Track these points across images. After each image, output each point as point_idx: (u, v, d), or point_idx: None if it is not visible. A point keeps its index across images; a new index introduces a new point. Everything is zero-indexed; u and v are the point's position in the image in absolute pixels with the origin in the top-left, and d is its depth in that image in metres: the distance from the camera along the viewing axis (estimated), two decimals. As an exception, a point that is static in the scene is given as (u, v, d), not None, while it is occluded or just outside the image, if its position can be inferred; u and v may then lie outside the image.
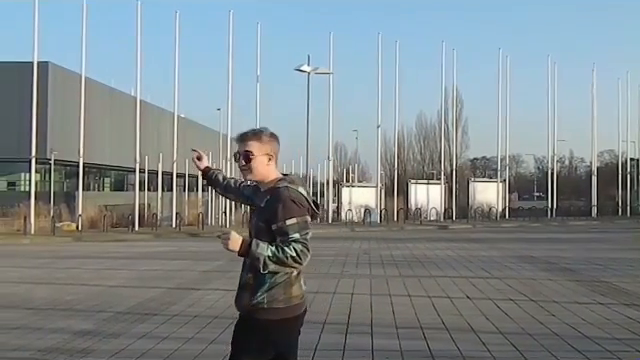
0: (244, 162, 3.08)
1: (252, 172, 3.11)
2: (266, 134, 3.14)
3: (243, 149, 3.09)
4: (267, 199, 3.03)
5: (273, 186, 3.06)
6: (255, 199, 3.19)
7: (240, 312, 3.12)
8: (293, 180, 3.11)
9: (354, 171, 56.48)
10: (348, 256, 15.75)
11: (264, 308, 3.00)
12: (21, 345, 6.27)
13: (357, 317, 7.64)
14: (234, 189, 3.50)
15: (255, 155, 3.07)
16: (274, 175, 3.13)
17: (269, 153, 3.11)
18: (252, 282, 3.01)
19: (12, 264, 14.36)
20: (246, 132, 3.15)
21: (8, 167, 44.40)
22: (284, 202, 2.97)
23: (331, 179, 37.72)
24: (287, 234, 2.93)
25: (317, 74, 31.07)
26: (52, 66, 39.39)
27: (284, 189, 3.01)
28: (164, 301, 8.85)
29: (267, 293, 2.99)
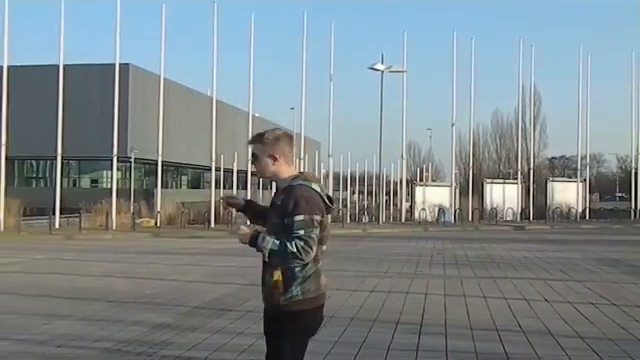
0: (252, 164, 3.37)
1: (259, 172, 3.37)
2: (269, 136, 3.30)
3: (252, 152, 3.35)
4: (282, 197, 3.21)
5: (288, 184, 3.25)
6: (275, 199, 3.33)
7: (271, 309, 3.27)
8: (307, 177, 3.28)
9: (428, 170, 55.93)
10: (422, 256, 15.59)
11: (299, 300, 3.17)
12: (104, 336, 6.53)
13: (431, 317, 7.56)
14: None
15: (259, 157, 3.30)
16: (287, 173, 3.30)
17: (273, 154, 3.28)
18: (282, 278, 3.16)
19: (95, 258, 14.97)
20: (253, 136, 3.39)
21: (91, 165, 46.37)
22: (295, 199, 3.14)
23: (404, 178, 37.45)
24: (292, 229, 3.09)
25: (391, 72, 30.90)
26: (133, 68, 40.82)
27: (297, 187, 3.20)
28: (239, 297, 9.01)
29: (301, 286, 3.17)
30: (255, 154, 3.33)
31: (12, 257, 15.01)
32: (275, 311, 3.23)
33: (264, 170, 3.34)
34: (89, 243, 19.79)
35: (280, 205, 3.19)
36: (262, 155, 3.30)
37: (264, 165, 3.31)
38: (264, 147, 3.30)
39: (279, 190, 3.32)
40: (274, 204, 3.29)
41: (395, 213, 38.56)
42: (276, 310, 3.22)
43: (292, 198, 3.14)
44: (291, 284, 3.16)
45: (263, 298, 3.32)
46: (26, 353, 5.88)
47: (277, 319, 3.23)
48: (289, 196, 3.17)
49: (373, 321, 7.26)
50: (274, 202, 3.30)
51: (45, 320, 7.37)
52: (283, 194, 3.22)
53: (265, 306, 3.34)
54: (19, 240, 20.55)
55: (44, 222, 24.49)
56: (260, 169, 3.34)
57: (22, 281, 10.96)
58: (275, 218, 3.21)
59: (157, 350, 5.93)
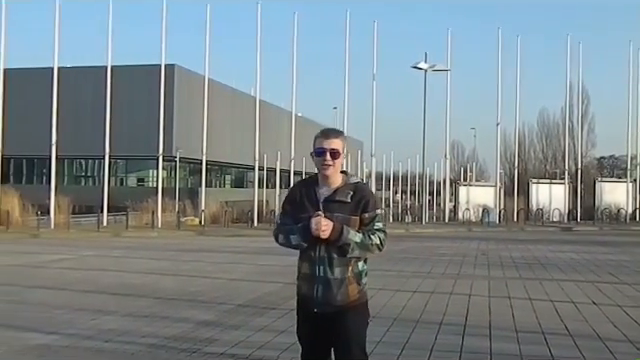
0: (330, 158, 3.25)
1: (335, 168, 3.29)
2: (344, 135, 3.38)
3: (330, 146, 3.26)
4: (351, 194, 3.25)
5: (348, 182, 3.30)
6: (336, 197, 3.26)
7: (334, 308, 3.23)
8: (355, 175, 3.43)
9: (472, 170, 55.32)
10: (465, 256, 15.42)
11: (364, 293, 3.32)
12: (150, 332, 6.64)
13: (474, 319, 7.46)
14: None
15: (341, 153, 3.29)
16: (339, 171, 3.35)
17: (345, 153, 3.34)
18: (351, 274, 3.24)
19: (142, 256, 15.25)
20: (331, 130, 3.37)
21: (138, 164, 47.27)
22: (372, 195, 3.32)
23: (448, 178, 37.09)
24: (374, 222, 3.25)
25: (434, 71, 30.64)
26: (178, 68, 41.48)
27: (364, 184, 3.38)
28: (282, 295, 9.05)
29: (366, 278, 3.33)
30: (336, 149, 3.28)
31: (62, 254, 15.41)
32: (342, 308, 3.22)
33: (337, 167, 3.32)
34: (135, 241, 20.17)
35: (351, 202, 3.23)
36: (342, 152, 3.31)
37: (340, 162, 3.31)
38: (343, 143, 3.33)
39: (319, 189, 3.30)
40: (336, 201, 3.24)
41: (438, 213, 38.24)
42: (345, 306, 3.22)
43: (368, 195, 3.28)
44: (362, 276, 3.30)
45: (323, 298, 3.25)
46: (75, 347, 6.03)
47: (343, 316, 3.22)
48: (362, 193, 3.27)
49: (416, 321, 7.21)
50: (333, 199, 3.25)
51: (93, 315, 7.54)
52: (350, 191, 3.26)
53: (320, 309, 3.26)
54: (68, 237, 21.08)
55: (92, 220, 25.05)
56: (337, 165, 3.30)
57: (71, 277, 11.24)
58: (342, 213, 3.21)
59: (201, 347, 6.01)
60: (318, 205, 3.26)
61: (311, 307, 3.29)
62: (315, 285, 3.26)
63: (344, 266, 3.23)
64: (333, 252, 3.22)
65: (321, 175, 3.33)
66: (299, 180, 3.64)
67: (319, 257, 3.25)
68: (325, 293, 3.23)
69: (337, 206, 3.24)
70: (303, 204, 3.31)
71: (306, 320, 3.35)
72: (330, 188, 3.30)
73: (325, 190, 3.30)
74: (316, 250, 3.27)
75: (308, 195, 3.32)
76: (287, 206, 3.43)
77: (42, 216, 23.78)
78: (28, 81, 38.03)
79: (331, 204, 3.25)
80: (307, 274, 3.31)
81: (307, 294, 3.31)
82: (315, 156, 3.30)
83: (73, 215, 25.68)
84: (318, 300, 3.25)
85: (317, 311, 3.26)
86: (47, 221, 23.69)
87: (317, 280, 3.26)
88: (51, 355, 5.75)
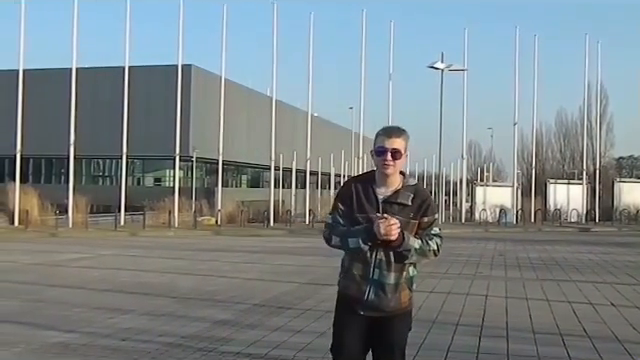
0: (391, 159, 3.10)
1: (395, 169, 3.13)
2: (407, 134, 3.20)
3: (391, 146, 3.10)
4: (412, 196, 3.12)
5: (407, 184, 3.16)
6: (396, 198, 3.13)
7: (386, 313, 3.14)
8: (413, 176, 3.31)
9: (489, 170, 55.06)
10: (482, 257, 15.34)
11: (412, 299, 3.24)
12: (167, 331, 6.68)
13: (491, 320, 7.42)
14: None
15: (402, 154, 3.13)
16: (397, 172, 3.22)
17: (407, 153, 3.18)
18: (404, 280, 3.14)
19: (158, 255, 15.34)
20: (393, 129, 3.20)
21: (155, 164, 47.59)
22: (430, 198, 3.21)
23: (464, 178, 36.94)
24: (432, 227, 3.15)
25: (451, 71, 30.53)
26: (195, 69, 41.69)
27: (422, 186, 3.23)
28: (298, 295, 9.07)
29: (415, 284, 3.25)
30: (398, 149, 3.12)
31: (80, 253, 15.54)
32: (391, 313, 3.13)
33: (398, 168, 3.15)
34: (152, 240, 20.29)
35: (412, 205, 3.11)
36: (404, 152, 3.15)
37: (402, 162, 3.15)
38: (405, 143, 3.17)
39: (399, 189, 3.14)
40: (397, 203, 3.11)
41: (455, 213, 38.10)
42: (394, 311, 3.14)
43: (428, 198, 3.18)
44: (413, 282, 3.23)
45: (374, 302, 3.12)
46: (93, 345, 6.07)
47: (390, 321, 3.14)
48: (423, 196, 3.16)
49: (432, 322, 7.18)
50: (395, 200, 3.11)
51: (111, 314, 7.59)
52: (411, 193, 3.13)
53: (369, 312, 3.15)
54: (86, 236, 21.26)
55: (110, 219, 25.24)
56: (397, 166, 3.13)
57: (89, 276, 11.33)
58: (402, 216, 3.07)
59: (218, 346, 6.03)
60: (377, 205, 3.11)
61: (357, 309, 3.15)
62: (367, 288, 3.13)
63: (399, 271, 3.13)
64: (391, 256, 3.11)
65: (380, 174, 3.16)
66: (352, 177, 3.45)
67: (376, 259, 3.11)
68: (378, 298, 3.12)
69: (398, 208, 3.10)
70: (361, 204, 3.15)
71: (348, 320, 3.20)
72: (389, 189, 3.15)
73: (384, 190, 3.15)
74: (374, 252, 3.11)
75: (366, 194, 3.15)
76: (341, 205, 3.23)
77: (61, 215, 24.02)
78: (47, 82, 38.40)
79: (391, 206, 3.11)
80: (359, 275, 3.15)
81: (355, 295, 3.16)
82: (375, 155, 3.14)
83: (91, 214, 25.89)
84: (368, 303, 3.13)
85: (363, 314, 3.15)
86: (65, 220, 23.91)
87: (370, 283, 3.12)
88: (69, 353, 5.80)
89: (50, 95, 37.70)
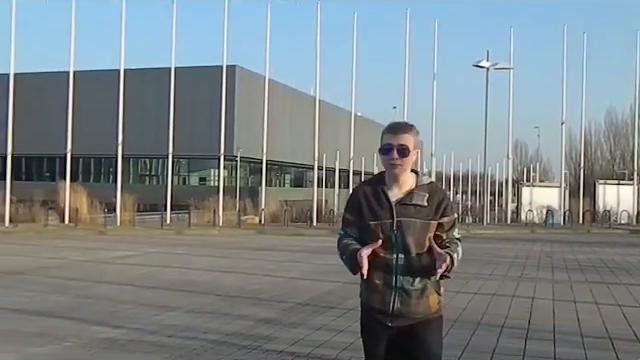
0: (398, 156, 2.87)
1: (403, 168, 2.89)
2: (416, 130, 2.96)
3: (398, 143, 2.87)
4: (427, 196, 2.89)
5: (420, 183, 2.94)
6: (410, 199, 2.90)
7: (416, 320, 2.91)
8: (427, 175, 3.14)
9: (535, 170, 54.02)
10: (528, 258, 15.08)
11: (441, 303, 3.01)
12: (211, 328, 6.77)
13: (538, 322, 7.30)
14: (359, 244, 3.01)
15: (411, 150, 2.89)
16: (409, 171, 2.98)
17: (418, 149, 2.95)
18: (431, 283, 2.92)
19: (203, 253, 15.54)
20: (399, 124, 2.96)
21: (200, 164, 48.19)
22: (448, 197, 3.00)
23: (510, 178, 36.37)
24: (454, 228, 2.97)
25: (497, 70, 30.09)
26: (239, 69, 42.04)
27: (439, 185, 3.03)
28: (340, 295, 9.07)
29: (443, 287, 3.02)
30: (405, 146, 2.88)
31: (128, 250, 15.86)
32: (421, 320, 2.91)
33: (407, 166, 2.91)
34: (197, 238, 20.56)
35: (428, 205, 2.88)
36: (413, 148, 2.90)
37: (411, 159, 2.91)
38: (414, 139, 2.92)
39: (412, 189, 2.92)
40: (412, 204, 2.88)
41: (500, 214, 37.53)
42: (425, 318, 2.91)
43: (444, 197, 2.94)
44: (440, 285, 2.99)
45: (401, 311, 2.89)
46: (140, 341, 6.19)
47: (422, 329, 2.91)
48: (439, 195, 2.93)
49: (477, 324, 7.10)
50: (409, 202, 2.88)
51: (157, 311, 7.73)
52: (426, 193, 2.90)
53: (396, 322, 2.91)
54: (134, 234, 21.67)
55: (156, 217, 25.67)
56: (406, 164, 2.89)
57: (137, 273, 11.56)
58: (419, 218, 2.86)
59: (261, 344, 6.08)
60: (391, 208, 2.87)
61: (384, 321, 2.91)
62: (391, 297, 2.89)
63: (424, 275, 2.88)
64: (414, 260, 2.86)
65: (389, 175, 2.93)
66: (361, 182, 3.24)
67: (397, 265, 2.87)
68: (404, 306, 2.88)
69: (413, 210, 2.87)
70: (372, 209, 2.91)
71: (377, 335, 2.96)
72: (401, 190, 2.92)
73: (396, 192, 2.92)
74: (394, 257, 2.87)
75: (377, 198, 2.92)
76: (349, 216, 3.03)
77: (109, 213, 24.53)
78: (96, 83, 39.28)
79: (406, 208, 2.88)
80: (381, 284, 2.90)
81: (380, 307, 2.91)
82: (381, 154, 2.92)
83: (138, 213, 26.35)
84: (395, 313, 2.90)
85: (392, 325, 2.91)
86: (113, 218, 24.41)
87: (394, 292, 2.88)
88: (117, 348, 5.93)
89: (99, 96, 38.55)
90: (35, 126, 41.23)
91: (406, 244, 2.85)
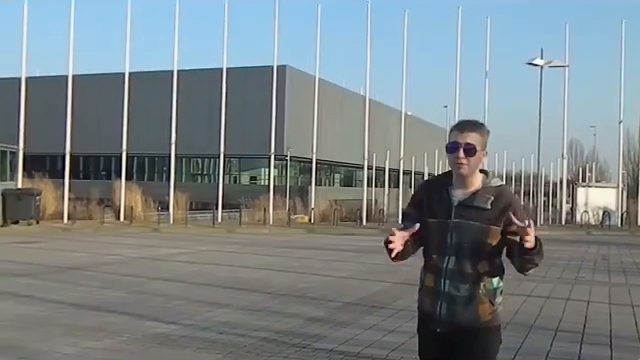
0: (464, 156, 2.73)
1: (470, 167, 2.75)
2: (486, 128, 2.82)
3: (464, 141, 2.74)
4: (491, 199, 2.73)
5: (488, 185, 2.79)
6: (472, 201, 2.77)
7: (463, 329, 2.76)
8: (498, 177, 2.91)
9: (591, 170, 52.64)
10: (584, 261, 14.72)
11: (498, 314, 2.81)
12: (262, 326, 6.84)
13: (593, 327, 7.11)
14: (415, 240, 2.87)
15: (478, 150, 2.74)
16: (477, 171, 2.82)
17: (486, 149, 2.81)
18: (483, 291, 2.75)
19: (254, 252, 15.70)
20: (467, 122, 2.82)
21: (250, 163, 48.67)
22: (518, 201, 2.84)
23: (565, 178, 35.54)
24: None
25: (551, 67, 29.44)
26: (289, 69, 42.26)
27: (508, 188, 2.87)
28: (390, 295, 9.04)
29: (500, 297, 2.82)
30: (472, 145, 2.74)
31: (180, 248, 16.15)
32: (470, 330, 2.75)
33: (473, 166, 2.77)
34: (248, 237, 20.78)
35: (491, 209, 2.72)
36: (480, 148, 2.76)
37: (478, 159, 2.76)
38: (483, 139, 2.78)
39: (477, 191, 2.77)
40: (474, 207, 2.74)
41: (554, 215, 36.72)
42: (474, 328, 2.75)
43: (511, 202, 2.77)
44: (496, 294, 2.78)
45: (447, 317, 2.77)
46: (192, 337, 6.30)
47: (471, 339, 2.76)
48: (507, 199, 2.76)
49: (530, 327, 6.97)
50: (470, 204, 2.75)
51: (209, 307, 7.85)
52: (491, 195, 2.75)
53: (444, 329, 2.79)
54: (186, 232, 22.05)
55: (208, 216, 26.05)
56: (472, 164, 2.75)
57: (189, 270, 11.76)
58: (479, 222, 2.72)
59: (311, 342, 6.11)
60: (451, 209, 2.77)
61: (433, 326, 2.82)
62: (438, 301, 2.80)
63: (474, 282, 2.74)
64: (466, 265, 2.74)
65: (455, 174, 2.81)
66: (428, 178, 3.14)
67: (446, 269, 2.77)
68: (450, 312, 2.77)
69: (474, 213, 2.73)
70: (432, 207, 2.82)
71: (428, 340, 2.89)
72: (466, 191, 2.79)
73: (460, 192, 2.80)
74: (445, 260, 2.78)
75: (439, 196, 2.83)
76: (410, 210, 2.93)
77: (162, 211, 25.03)
78: (150, 84, 40.10)
79: (467, 210, 2.75)
80: (431, 287, 2.83)
81: (429, 311, 2.84)
82: (447, 152, 2.80)
83: (190, 211, 26.81)
84: (442, 319, 2.79)
85: (440, 331, 2.81)
86: (167, 216, 24.90)
87: (441, 296, 2.79)
88: (170, 344, 6.05)
89: (153, 97, 39.35)
90: (92, 126, 42.34)
91: (460, 247, 2.74)
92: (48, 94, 35.65)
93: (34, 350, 5.75)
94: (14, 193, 21.03)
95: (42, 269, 11.40)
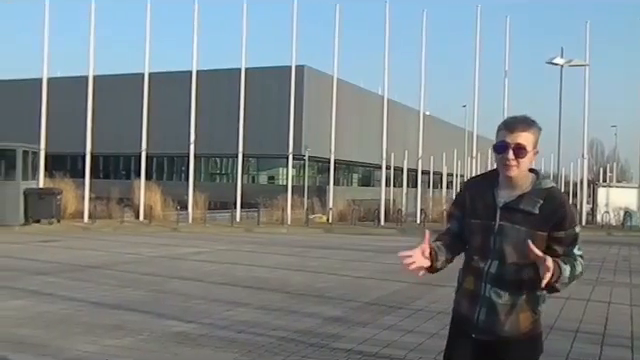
0: (514, 157, 2.56)
1: (519, 169, 2.58)
2: (538, 126, 2.63)
3: (515, 141, 2.55)
4: (540, 203, 2.57)
5: (538, 187, 2.61)
6: (490, 204, 2.64)
7: (501, 338, 2.63)
8: (549, 177, 2.72)
9: (612, 170, 52.14)
10: (605, 262, 14.56)
11: (539, 323, 2.70)
12: (280, 325, 6.85)
13: (614, 328, 7.04)
14: (457, 241, 2.82)
15: (528, 151, 2.57)
16: (527, 171, 2.65)
17: (537, 149, 2.64)
18: (525, 300, 2.62)
19: (272, 251, 15.73)
20: (518, 120, 2.62)
21: (269, 163, 48.83)
22: (569, 207, 2.62)
23: (585, 178, 35.19)
24: (575, 244, 2.60)
25: (571, 67, 29.18)
26: (307, 69, 42.32)
27: (559, 191, 2.67)
28: (408, 295, 9.01)
29: (543, 305, 2.70)
30: (523, 145, 2.56)
31: (199, 247, 16.24)
32: (508, 339, 2.63)
33: (523, 168, 2.59)
34: (266, 236, 20.83)
35: (539, 213, 2.55)
36: (531, 148, 2.59)
37: (529, 160, 2.60)
38: (534, 138, 2.60)
39: (525, 193, 2.61)
40: (520, 210, 2.58)
41: (575, 215, 36.38)
42: (513, 337, 2.62)
43: (562, 206, 2.59)
44: (539, 303, 2.66)
45: (485, 324, 2.64)
46: (211, 336, 6.34)
47: (509, 348, 2.64)
48: (556, 203, 2.58)
49: (550, 328, 6.90)
50: (517, 207, 2.59)
51: (227, 307, 7.89)
52: (540, 199, 2.57)
53: (480, 335, 2.66)
54: (204, 231, 22.15)
55: (226, 215, 26.15)
56: (522, 166, 2.58)
57: (207, 269, 11.82)
58: (525, 227, 2.56)
59: (329, 342, 6.11)
60: (495, 211, 2.61)
61: (469, 331, 2.69)
62: (478, 306, 2.66)
63: (516, 289, 2.60)
64: (509, 271, 2.59)
65: (502, 175, 2.65)
66: (473, 176, 2.97)
67: (488, 272, 2.63)
68: (489, 319, 2.63)
69: (520, 217, 2.57)
70: (476, 206, 2.67)
71: (461, 343, 2.75)
72: (513, 192, 2.62)
73: (506, 194, 2.63)
74: (487, 263, 2.64)
75: (484, 197, 2.66)
76: (454, 209, 2.84)
77: (181, 211, 25.18)
78: (169, 84, 40.35)
79: (513, 213, 2.59)
80: (470, 290, 2.70)
81: (467, 315, 2.71)
82: (495, 152, 2.62)
83: (209, 210, 26.90)
84: (479, 325, 2.65)
85: (476, 337, 2.67)
86: (185, 216, 25.03)
87: (481, 300, 2.64)
88: (189, 342, 6.09)
89: (172, 97, 39.59)
90: (112, 126, 42.70)
91: (503, 252, 2.59)
92: (69, 95, 35.98)
93: (55, 347, 5.81)
94: (36, 192, 21.28)
95: (63, 267, 11.52)
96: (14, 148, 21.27)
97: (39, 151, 23.01)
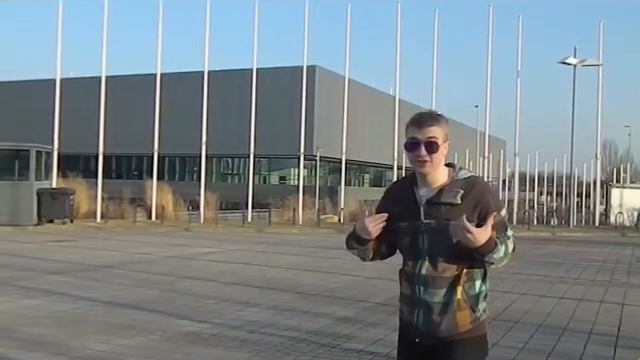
0: (426, 152, 2.51)
1: (433, 164, 2.54)
2: (445, 118, 2.60)
3: (425, 136, 2.51)
4: (461, 192, 2.50)
5: (456, 178, 2.56)
6: (412, 204, 2.58)
7: (441, 340, 2.54)
8: (466, 168, 2.66)
9: (625, 171, 51.72)
10: (618, 263, 14.45)
11: (481, 323, 2.58)
12: (291, 325, 6.85)
13: (628, 329, 6.98)
14: (389, 243, 2.79)
15: (440, 144, 2.52)
16: (442, 165, 2.60)
17: (448, 140, 2.57)
18: (461, 297, 2.52)
19: (283, 251, 15.74)
20: (425, 115, 2.58)
21: (280, 163, 48.93)
22: (492, 192, 2.56)
23: (598, 179, 34.95)
24: (506, 227, 2.49)
25: (584, 66, 28.98)
26: (319, 69, 42.36)
27: (480, 179, 2.61)
28: (420, 296, 8.97)
29: (485, 302, 2.59)
30: (433, 139, 2.52)
31: (210, 247, 16.27)
32: (449, 340, 2.53)
33: (437, 163, 2.55)
34: (277, 237, 20.84)
35: (462, 203, 2.48)
36: (442, 141, 2.54)
37: (442, 153, 2.55)
38: (443, 130, 2.56)
39: (444, 186, 2.55)
40: (442, 203, 2.52)
41: (587, 216, 36.12)
42: (453, 338, 2.53)
43: (484, 193, 2.52)
44: (478, 300, 2.56)
45: (424, 326, 2.56)
46: (222, 336, 6.35)
47: (450, 350, 2.53)
48: (477, 190, 2.52)
49: (563, 329, 6.87)
50: (438, 201, 2.53)
51: (238, 307, 7.90)
52: (460, 189, 2.51)
53: (422, 339, 2.58)
54: (216, 232, 22.20)
55: (238, 215, 26.19)
56: (435, 161, 2.53)
57: (219, 269, 11.84)
58: (449, 219, 2.46)
59: (341, 343, 6.11)
60: (419, 210, 2.55)
61: (413, 336, 2.62)
62: (415, 310, 2.60)
63: (451, 286, 2.52)
64: (440, 269, 2.53)
65: (418, 173, 2.60)
66: (392, 183, 2.94)
67: (419, 274, 2.57)
68: (426, 320, 2.56)
69: (445, 210, 2.50)
70: (400, 210, 2.60)
71: (406, 350, 2.69)
72: (432, 188, 2.57)
73: (426, 191, 2.58)
74: (417, 265, 2.58)
75: (406, 197, 2.62)
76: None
77: (193, 211, 25.24)
78: (181, 85, 40.52)
79: (436, 208, 2.53)
80: (408, 295, 2.65)
81: (408, 320, 2.65)
82: (406, 150, 2.58)
83: (220, 211, 26.97)
84: (420, 328, 2.58)
85: (418, 341, 2.60)
86: (197, 216, 25.10)
87: (417, 303, 2.59)
88: (200, 342, 6.10)
89: (184, 97, 39.75)
90: (124, 127, 42.93)
91: (433, 250, 2.53)
92: (82, 95, 36.25)
93: (67, 346, 5.84)
94: (49, 192, 21.41)
95: (76, 267, 11.59)
96: (27, 148, 21.41)
97: (52, 151, 23.16)
